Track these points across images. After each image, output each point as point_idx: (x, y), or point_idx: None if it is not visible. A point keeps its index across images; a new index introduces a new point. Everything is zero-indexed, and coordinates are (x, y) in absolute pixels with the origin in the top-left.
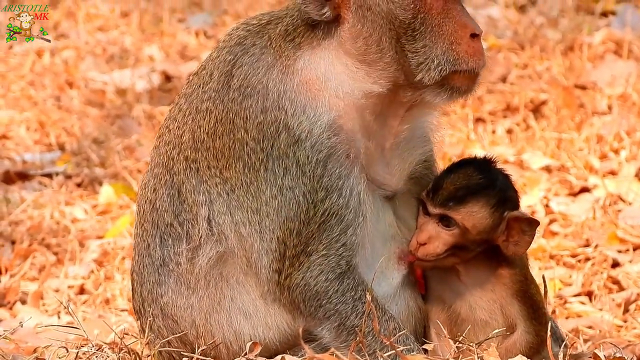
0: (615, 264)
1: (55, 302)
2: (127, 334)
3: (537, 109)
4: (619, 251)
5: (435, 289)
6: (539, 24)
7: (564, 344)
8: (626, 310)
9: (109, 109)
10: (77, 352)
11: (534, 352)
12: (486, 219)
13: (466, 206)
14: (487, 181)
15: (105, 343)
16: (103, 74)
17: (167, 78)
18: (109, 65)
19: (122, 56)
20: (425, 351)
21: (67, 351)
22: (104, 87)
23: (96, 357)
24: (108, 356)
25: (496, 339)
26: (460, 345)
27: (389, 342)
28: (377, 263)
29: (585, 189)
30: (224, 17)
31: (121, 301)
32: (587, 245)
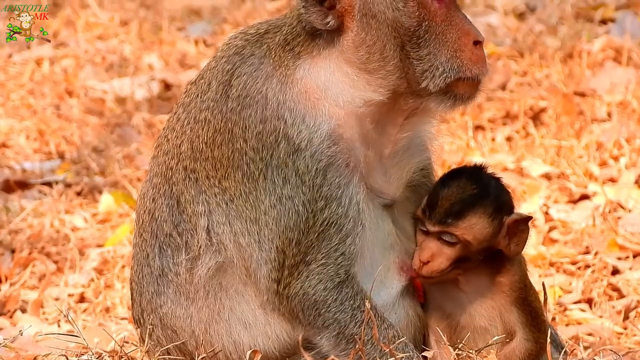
0: (615, 271)
1: (55, 310)
2: (127, 342)
3: (536, 117)
4: (619, 258)
5: (435, 297)
6: (538, 31)
7: (563, 351)
8: (626, 318)
9: (108, 118)
10: None
11: (533, 359)
12: (486, 229)
13: (464, 220)
14: (481, 190)
15: (106, 351)
16: (102, 83)
17: (167, 86)
18: (108, 73)
19: (121, 65)
20: (425, 358)
21: (67, 359)
22: (103, 96)
23: None
24: None
25: (495, 346)
26: (459, 352)
27: (389, 349)
28: (376, 272)
29: (585, 196)
30: (223, 25)
31: (121, 309)
32: (587, 252)
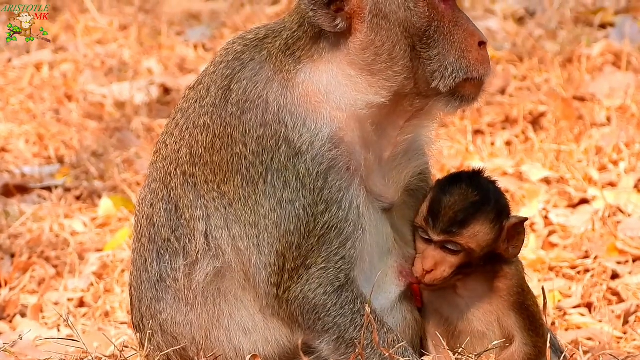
0: (615, 276)
1: (55, 315)
2: (127, 346)
3: (536, 121)
4: (619, 263)
5: (432, 302)
6: (537, 36)
7: (563, 355)
8: (626, 322)
9: (107, 122)
10: None
11: None
12: (488, 235)
13: (468, 229)
14: (482, 197)
15: (105, 356)
16: (102, 87)
17: (166, 91)
18: (107, 78)
19: (120, 69)
20: None
21: None
22: (102, 100)
23: None
24: None
25: (494, 350)
26: (459, 357)
27: (389, 354)
28: (376, 276)
29: (584, 201)
30: (222, 29)
31: (121, 314)
32: (587, 257)
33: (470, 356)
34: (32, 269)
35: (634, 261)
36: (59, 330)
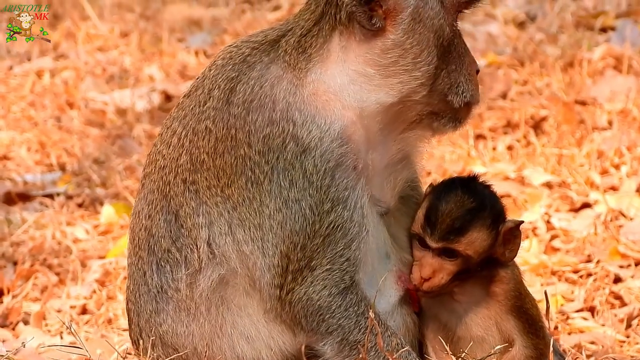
0: (617, 280)
1: (57, 322)
2: (130, 353)
3: (537, 125)
4: (621, 266)
5: (430, 307)
6: (538, 40)
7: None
8: (628, 326)
9: (109, 129)
10: None
11: None
12: (485, 241)
13: (466, 235)
14: (478, 203)
15: None
16: (103, 94)
17: (167, 97)
18: (109, 85)
19: (122, 76)
20: None
21: None
22: (104, 107)
23: None
24: None
25: (495, 355)
26: None
27: (393, 358)
28: (376, 279)
29: (586, 205)
30: (223, 36)
31: (123, 321)
32: (589, 260)
33: None
34: (35, 276)
35: (636, 265)
36: (61, 338)
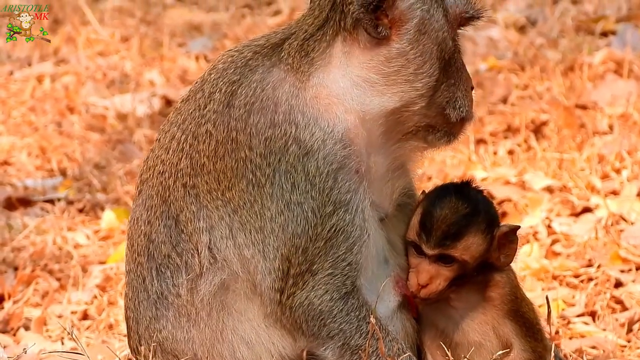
0: (618, 284)
1: (58, 327)
2: (131, 359)
3: (538, 130)
4: (622, 271)
5: (428, 314)
6: (539, 44)
7: None
8: (630, 330)
9: (110, 134)
10: None
11: None
12: (481, 246)
13: (462, 241)
14: (472, 209)
15: None
16: (104, 99)
17: (168, 102)
18: (109, 90)
19: (122, 81)
20: None
21: None
22: (104, 112)
23: None
24: None
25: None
26: None
27: None
28: (376, 284)
29: (587, 209)
30: (224, 40)
31: (124, 326)
32: (590, 265)
33: None
34: (36, 281)
35: (637, 269)
36: (62, 343)
